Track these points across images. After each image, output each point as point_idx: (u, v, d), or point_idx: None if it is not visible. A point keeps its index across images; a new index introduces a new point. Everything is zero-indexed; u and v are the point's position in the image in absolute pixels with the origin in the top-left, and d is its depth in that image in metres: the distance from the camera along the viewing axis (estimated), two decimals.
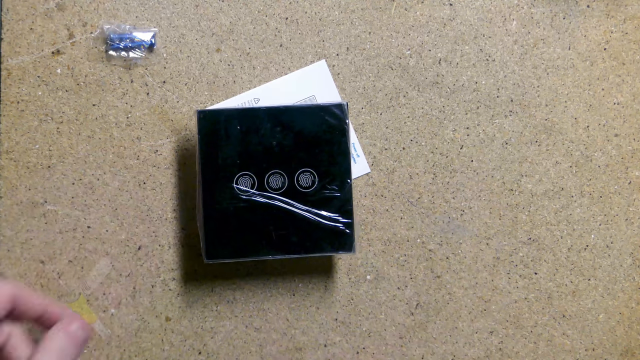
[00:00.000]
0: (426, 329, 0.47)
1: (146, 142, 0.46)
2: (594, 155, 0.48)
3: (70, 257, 0.46)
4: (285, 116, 0.42)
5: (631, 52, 0.48)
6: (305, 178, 0.42)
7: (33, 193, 0.46)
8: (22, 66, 0.46)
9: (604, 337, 0.48)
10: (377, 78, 0.47)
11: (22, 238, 0.45)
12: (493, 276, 0.47)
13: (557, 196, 0.48)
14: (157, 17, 0.47)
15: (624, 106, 0.48)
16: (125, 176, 0.46)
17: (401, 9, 0.48)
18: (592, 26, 0.48)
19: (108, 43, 0.46)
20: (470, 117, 0.48)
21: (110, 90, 0.46)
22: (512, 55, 0.48)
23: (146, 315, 0.46)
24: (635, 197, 0.48)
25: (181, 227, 0.46)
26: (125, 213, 0.46)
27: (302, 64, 0.47)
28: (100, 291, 0.46)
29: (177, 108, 0.46)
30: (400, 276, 0.47)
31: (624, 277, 0.48)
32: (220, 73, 0.47)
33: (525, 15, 0.48)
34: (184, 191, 0.46)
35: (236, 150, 0.42)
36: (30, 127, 0.46)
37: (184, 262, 0.46)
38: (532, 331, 0.47)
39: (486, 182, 0.48)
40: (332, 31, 0.47)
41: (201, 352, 0.46)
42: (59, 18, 0.46)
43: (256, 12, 0.47)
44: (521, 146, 0.48)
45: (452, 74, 0.48)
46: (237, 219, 0.42)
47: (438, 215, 0.47)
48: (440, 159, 0.47)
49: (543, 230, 0.48)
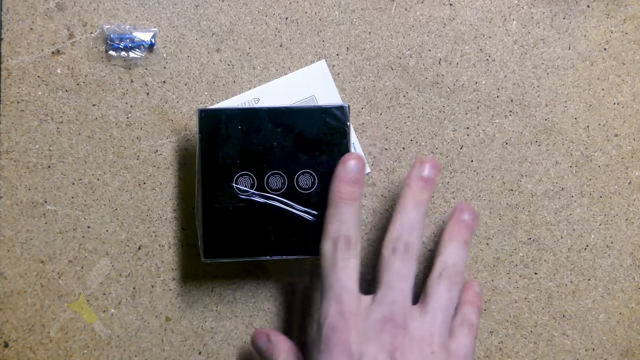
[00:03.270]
0: None
1: (146, 142, 0.46)
2: (594, 155, 0.48)
3: (70, 257, 0.46)
4: (286, 117, 0.42)
5: (631, 52, 0.48)
6: (305, 179, 0.42)
7: (33, 193, 0.46)
8: (22, 66, 0.46)
9: (604, 337, 0.48)
10: (377, 78, 0.47)
11: (22, 238, 0.45)
12: (493, 276, 0.47)
13: (557, 196, 0.48)
14: (157, 17, 0.47)
15: (624, 106, 0.48)
16: (125, 176, 0.46)
17: (401, 9, 0.48)
18: (592, 26, 0.48)
19: (108, 43, 0.46)
20: (470, 117, 0.48)
21: (110, 90, 0.46)
22: (512, 55, 0.48)
23: (146, 315, 0.46)
24: (635, 197, 0.48)
25: (181, 227, 0.46)
26: (125, 213, 0.46)
27: (302, 64, 0.47)
28: (100, 291, 0.46)
29: (177, 108, 0.46)
30: None
31: (624, 277, 0.48)
32: (220, 73, 0.47)
33: (525, 15, 0.48)
34: (184, 191, 0.46)
35: (236, 150, 0.42)
36: (30, 127, 0.46)
37: (184, 262, 0.46)
38: (532, 331, 0.48)
39: (486, 182, 0.48)
40: (332, 31, 0.47)
41: (201, 352, 0.46)
42: (59, 18, 0.46)
43: (256, 12, 0.47)
44: (521, 146, 0.48)
45: (452, 74, 0.48)
46: (236, 218, 0.42)
47: (438, 215, 0.47)
48: (440, 159, 0.47)
49: (543, 230, 0.48)
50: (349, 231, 0.38)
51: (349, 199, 0.39)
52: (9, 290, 0.45)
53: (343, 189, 0.39)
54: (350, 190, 0.39)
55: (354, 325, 0.35)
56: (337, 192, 0.39)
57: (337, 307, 0.35)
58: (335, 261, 0.37)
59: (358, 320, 0.35)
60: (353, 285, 0.37)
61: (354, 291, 0.37)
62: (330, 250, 0.37)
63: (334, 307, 0.36)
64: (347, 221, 0.38)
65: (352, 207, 0.39)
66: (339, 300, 0.36)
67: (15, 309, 0.45)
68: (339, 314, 0.35)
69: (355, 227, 0.38)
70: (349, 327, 0.35)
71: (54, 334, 0.45)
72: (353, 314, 0.35)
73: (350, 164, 0.40)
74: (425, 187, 0.40)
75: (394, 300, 0.37)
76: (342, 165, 0.40)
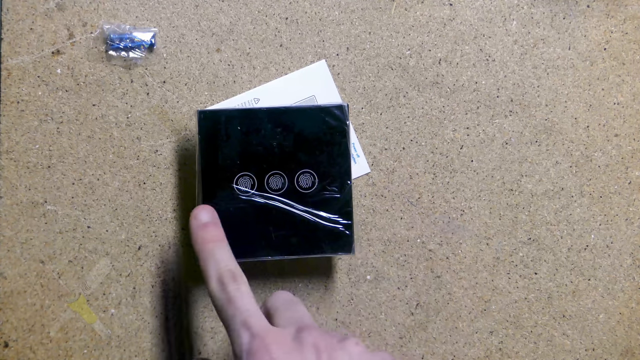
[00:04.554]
0: (426, 329, 0.47)
1: (146, 142, 0.46)
2: (594, 155, 0.48)
3: (70, 257, 0.46)
4: (285, 117, 0.42)
5: (631, 52, 0.48)
6: (305, 179, 0.42)
7: (33, 193, 0.46)
8: (22, 66, 0.46)
9: (604, 337, 0.48)
10: (377, 78, 0.47)
11: (22, 238, 0.45)
12: (493, 276, 0.47)
13: (557, 196, 0.48)
14: (157, 17, 0.47)
15: (624, 106, 0.48)
16: (125, 176, 0.46)
17: (401, 9, 0.48)
18: (592, 26, 0.48)
19: (108, 43, 0.46)
20: (470, 117, 0.48)
21: (110, 90, 0.46)
22: (512, 55, 0.48)
23: (146, 315, 0.46)
24: (635, 197, 0.48)
25: (181, 227, 0.46)
26: (125, 213, 0.46)
27: (302, 64, 0.47)
28: (100, 291, 0.46)
29: (177, 108, 0.46)
30: (400, 276, 0.47)
31: (624, 277, 0.48)
32: (220, 73, 0.47)
33: (525, 15, 0.48)
34: (184, 191, 0.46)
35: (236, 151, 0.42)
36: (30, 127, 0.46)
37: (184, 262, 0.46)
38: (532, 331, 0.48)
39: (486, 182, 0.48)
40: (332, 31, 0.47)
41: (201, 352, 0.46)
42: (59, 18, 0.46)
43: (256, 12, 0.47)
44: (521, 146, 0.48)
45: (452, 74, 0.48)
46: (236, 219, 0.42)
47: (438, 215, 0.47)
48: (440, 159, 0.47)
49: (543, 230, 0.48)
50: (229, 265, 0.38)
51: (214, 240, 0.39)
52: (9, 290, 0.45)
53: (204, 235, 0.39)
54: (212, 234, 0.40)
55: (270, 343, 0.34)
56: (201, 240, 0.39)
57: (248, 332, 0.34)
58: (228, 294, 0.36)
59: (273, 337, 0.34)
60: (254, 307, 0.36)
61: (258, 312, 0.36)
62: (218, 288, 0.37)
63: (245, 334, 0.34)
64: (222, 259, 0.38)
65: (220, 247, 0.39)
66: (247, 325, 0.35)
67: (15, 309, 0.45)
68: (252, 337, 0.34)
69: (233, 261, 0.38)
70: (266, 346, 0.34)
71: (54, 334, 0.45)
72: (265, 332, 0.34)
73: (201, 214, 0.41)
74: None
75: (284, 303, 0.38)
76: (194, 217, 0.40)
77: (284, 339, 0.34)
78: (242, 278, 0.38)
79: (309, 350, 0.33)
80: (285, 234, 0.42)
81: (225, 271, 0.37)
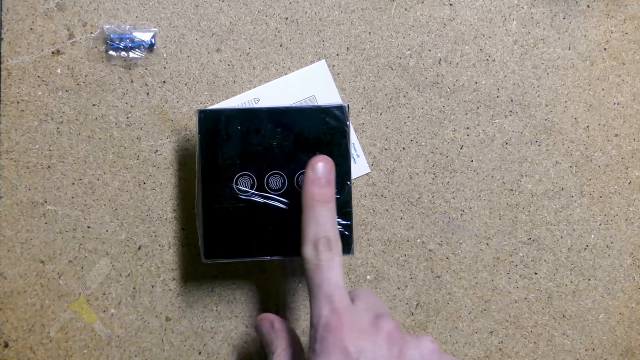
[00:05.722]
0: (426, 329, 0.47)
1: (146, 142, 0.46)
2: (594, 155, 0.48)
3: (70, 257, 0.46)
4: (286, 117, 0.42)
5: (631, 52, 0.48)
6: None
7: (33, 193, 0.46)
8: (22, 66, 0.46)
9: (604, 337, 0.48)
10: (377, 78, 0.47)
11: (22, 238, 0.45)
12: (493, 276, 0.47)
13: (557, 196, 0.48)
14: (157, 17, 0.47)
15: (624, 106, 0.48)
16: (125, 176, 0.46)
17: (401, 9, 0.48)
18: (592, 26, 0.48)
19: (108, 43, 0.46)
20: (470, 117, 0.48)
21: (110, 90, 0.46)
22: (512, 55, 0.48)
23: (146, 315, 0.46)
24: (635, 197, 0.48)
25: (181, 227, 0.46)
26: (125, 213, 0.46)
27: (302, 64, 0.47)
28: (100, 291, 0.46)
29: (177, 108, 0.46)
30: (400, 276, 0.47)
31: (624, 277, 0.48)
32: (220, 73, 0.47)
33: (525, 15, 0.48)
34: (184, 191, 0.46)
35: (236, 151, 0.42)
36: (30, 127, 0.46)
37: (184, 262, 0.46)
38: (532, 331, 0.48)
39: (486, 182, 0.48)
40: (332, 31, 0.47)
41: (201, 352, 0.46)
42: (59, 18, 0.46)
43: (256, 12, 0.47)
44: (521, 146, 0.48)
45: (452, 74, 0.48)
46: (236, 219, 0.42)
47: (438, 215, 0.47)
48: (440, 159, 0.47)
49: (543, 230, 0.48)
50: (328, 232, 0.38)
51: (323, 200, 0.39)
52: (9, 290, 0.45)
53: (315, 191, 0.39)
54: (322, 192, 0.39)
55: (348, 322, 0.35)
56: (310, 195, 0.39)
57: (330, 306, 0.35)
58: (319, 262, 0.37)
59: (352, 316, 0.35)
60: (341, 282, 0.37)
61: (343, 288, 0.37)
62: (312, 253, 0.37)
63: (326, 306, 0.35)
64: (324, 223, 0.38)
65: (327, 209, 0.39)
66: (330, 298, 0.36)
67: (15, 309, 0.45)
68: (332, 311, 0.35)
69: (334, 227, 0.38)
70: (343, 324, 0.35)
71: (54, 334, 0.45)
72: (346, 310, 0.35)
73: (319, 167, 0.40)
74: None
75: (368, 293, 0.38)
76: (311, 168, 0.40)
77: (360, 321, 0.35)
78: (337, 248, 0.38)
79: (383, 337, 0.34)
80: (285, 234, 0.42)
81: (323, 237, 0.38)
